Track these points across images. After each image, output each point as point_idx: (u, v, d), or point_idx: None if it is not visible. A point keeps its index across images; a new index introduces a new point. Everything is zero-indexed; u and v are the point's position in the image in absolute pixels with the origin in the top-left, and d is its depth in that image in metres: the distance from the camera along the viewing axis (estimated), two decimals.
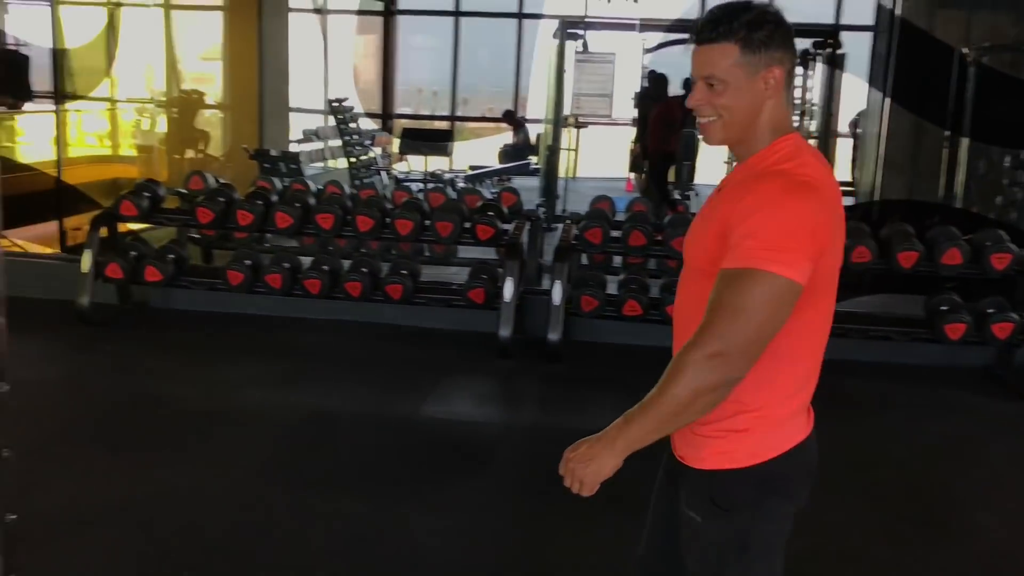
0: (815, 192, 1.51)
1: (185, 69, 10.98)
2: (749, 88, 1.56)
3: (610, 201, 6.01)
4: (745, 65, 1.54)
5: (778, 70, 1.56)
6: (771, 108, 1.58)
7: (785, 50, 1.57)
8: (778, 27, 1.56)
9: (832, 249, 1.56)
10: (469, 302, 5.37)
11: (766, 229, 1.46)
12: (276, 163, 9.19)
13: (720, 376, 1.46)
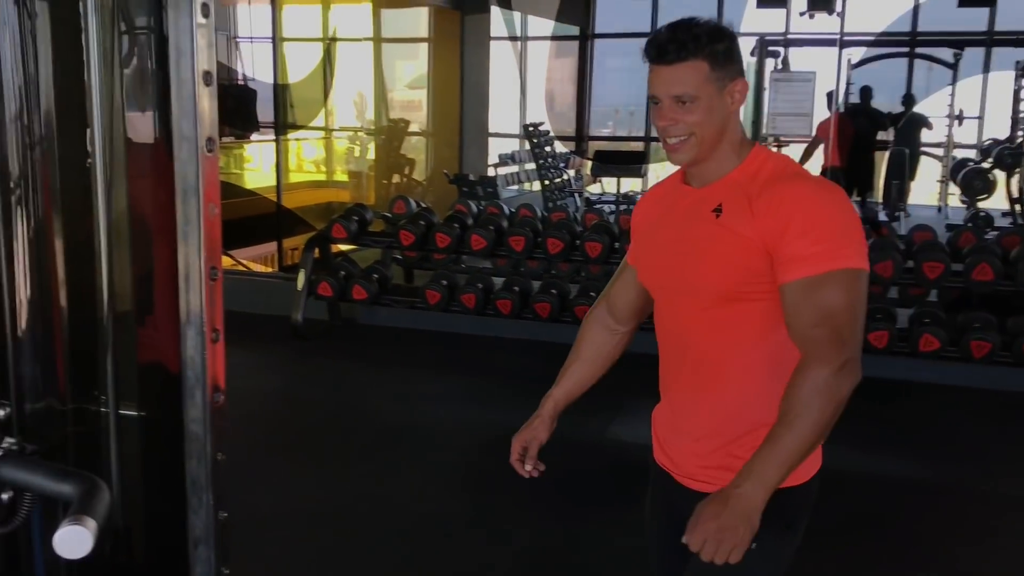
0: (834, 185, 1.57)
1: (393, 98, 11.60)
2: (719, 103, 1.53)
3: None
4: (715, 80, 1.51)
5: (741, 83, 1.55)
6: (734, 122, 1.57)
7: (741, 63, 1.57)
8: (733, 40, 1.55)
9: None
10: None
11: (829, 229, 1.46)
12: (474, 187, 9.52)
13: (852, 383, 1.44)
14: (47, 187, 1.23)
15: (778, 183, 1.51)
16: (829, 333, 1.43)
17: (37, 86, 1.21)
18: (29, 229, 1.22)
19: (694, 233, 1.59)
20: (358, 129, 11.53)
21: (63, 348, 1.30)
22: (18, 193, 1.20)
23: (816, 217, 1.46)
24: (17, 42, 1.17)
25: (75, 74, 1.26)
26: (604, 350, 1.90)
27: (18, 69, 1.18)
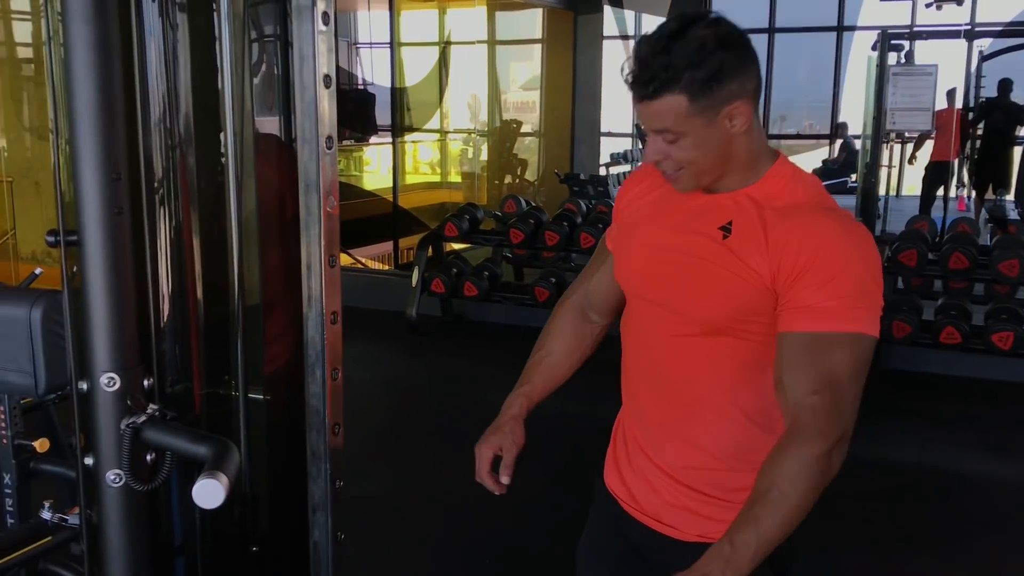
0: (863, 228, 1.35)
1: (506, 99, 11.77)
2: (712, 134, 1.29)
3: (930, 221, 5.62)
4: (699, 112, 1.27)
5: (741, 104, 1.29)
6: (746, 141, 1.33)
7: (744, 74, 1.28)
8: (727, 50, 1.26)
9: None
10: None
11: (852, 284, 1.27)
12: (584, 186, 9.56)
13: (841, 460, 1.28)
14: (186, 185, 1.37)
15: (802, 215, 1.31)
16: (829, 403, 1.26)
17: (177, 91, 1.34)
18: (171, 225, 1.36)
19: (693, 247, 1.38)
20: (471, 131, 11.74)
21: (198, 330, 1.43)
22: (161, 192, 1.33)
23: (841, 266, 1.27)
24: (161, 50, 1.31)
25: (210, 79, 1.40)
26: (580, 344, 1.67)
27: (162, 75, 1.31)
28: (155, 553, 1.37)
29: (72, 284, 1.31)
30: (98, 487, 1.28)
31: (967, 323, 4.89)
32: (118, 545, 1.31)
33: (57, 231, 1.24)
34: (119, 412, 1.25)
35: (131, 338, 1.27)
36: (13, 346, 2.33)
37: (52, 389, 2.40)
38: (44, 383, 2.35)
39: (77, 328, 1.30)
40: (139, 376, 1.28)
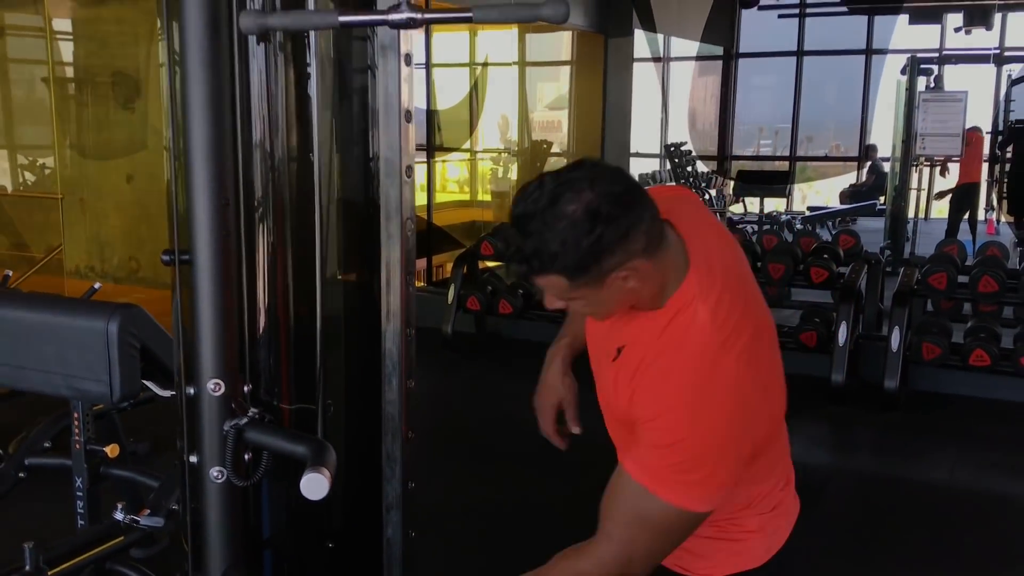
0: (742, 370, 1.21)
1: (536, 120, 11.93)
2: (606, 294, 1.23)
3: (959, 245, 5.69)
4: (585, 284, 1.21)
5: (630, 267, 1.20)
6: (649, 285, 1.25)
7: (627, 240, 1.18)
8: (602, 224, 1.15)
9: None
10: (800, 345, 5.36)
11: (675, 456, 1.21)
12: None
13: None
14: (281, 206, 1.50)
15: (668, 366, 1.23)
16: (621, 547, 1.25)
17: (275, 123, 1.48)
18: (268, 242, 1.49)
19: (601, 355, 1.39)
20: (502, 151, 11.91)
21: (287, 341, 1.57)
22: (260, 211, 1.47)
23: (676, 438, 1.22)
24: (263, 86, 1.45)
25: (303, 112, 1.53)
26: None
27: (263, 108, 1.45)
28: (247, 546, 1.50)
29: (180, 298, 1.45)
30: (201, 483, 1.41)
31: (996, 346, 4.95)
32: (217, 537, 1.43)
33: (172, 251, 1.38)
34: (223, 414, 1.38)
35: (234, 348, 1.40)
36: (90, 356, 2.50)
37: (124, 397, 2.56)
38: (118, 391, 2.51)
39: (182, 337, 1.44)
40: (240, 382, 1.42)
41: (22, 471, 3.01)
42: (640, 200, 1.19)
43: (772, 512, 1.44)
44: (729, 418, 1.20)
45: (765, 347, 1.31)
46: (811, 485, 4.16)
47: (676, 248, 1.27)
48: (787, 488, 1.48)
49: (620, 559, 1.24)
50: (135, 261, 7.52)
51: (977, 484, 4.12)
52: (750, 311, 1.28)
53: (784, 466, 1.48)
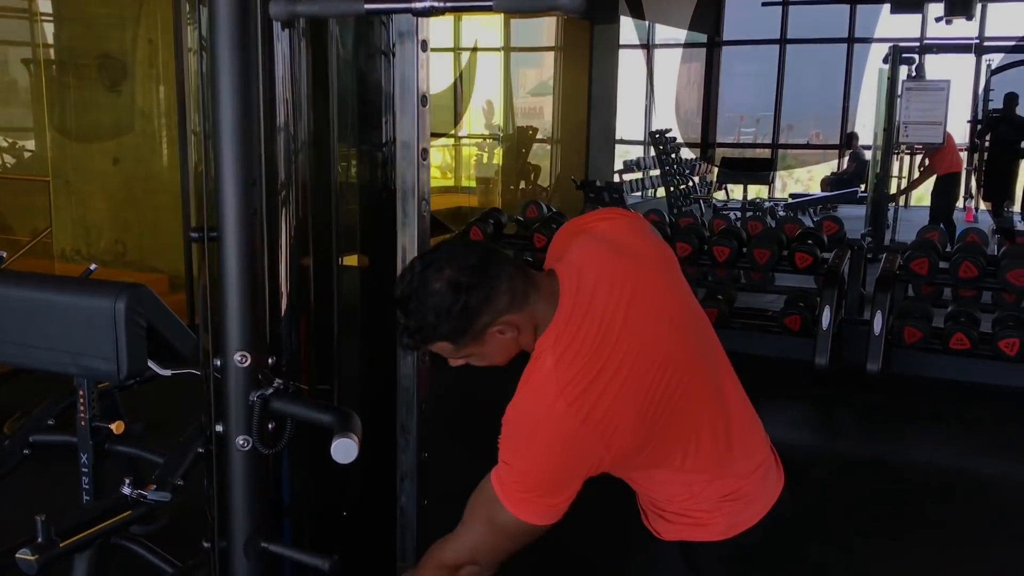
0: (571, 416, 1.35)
1: (521, 106, 11.97)
2: (490, 348, 1.43)
3: (940, 231, 5.81)
4: (467, 343, 1.41)
5: (502, 322, 1.39)
6: (526, 332, 1.42)
7: (492, 300, 1.37)
8: (465, 293, 1.36)
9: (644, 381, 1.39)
10: (785, 329, 5.46)
11: (512, 472, 1.40)
12: (600, 193, 9.76)
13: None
14: (303, 188, 1.56)
15: (515, 406, 1.42)
16: (465, 534, 1.46)
17: (299, 106, 1.53)
18: (289, 223, 1.55)
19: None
20: (486, 136, 11.94)
21: (308, 318, 1.62)
22: (284, 194, 1.53)
23: (514, 457, 1.41)
24: (287, 63, 1.50)
25: (323, 97, 1.59)
26: None
27: (288, 92, 1.50)
28: (268, 514, 1.56)
29: (202, 274, 1.51)
30: (227, 452, 1.47)
31: (975, 330, 5.08)
32: (241, 504, 1.49)
33: (200, 228, 1.43)
34: (249, 385, 1.44)
35: (260, 321, 1.46)
36: (98, 335, 2.55)
37: (132, 375, 2.61)
38: (125, 368, 2.56)
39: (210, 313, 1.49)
40: (265, 354, 1.48)
41: (27, 448, 3.05)
42: (496, 265, 1.39)
43: (728, 499, 1.50)
44: (552, 458, 1.37)
45: (660, 374, 1.41)
46: (794, 465, 4.22)
47: (549, 296, 1.42)
48: (753, 476, 1.54)
49: (469, 548, 1.46)
50: (121, 244, 7.52)
51: (956, 464, 4.24)
52: (632, 346, 1.39)
53: (743, 456, 1.53)
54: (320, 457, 1.65)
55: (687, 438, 1.45)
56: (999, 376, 5.16)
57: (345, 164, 1.64)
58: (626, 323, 1.39)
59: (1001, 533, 3.53)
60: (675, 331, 1.45)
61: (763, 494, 1.54)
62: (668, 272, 1.51)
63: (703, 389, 1.47)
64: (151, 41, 7.15)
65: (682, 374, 1.43)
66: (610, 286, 1.42)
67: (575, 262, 1.45)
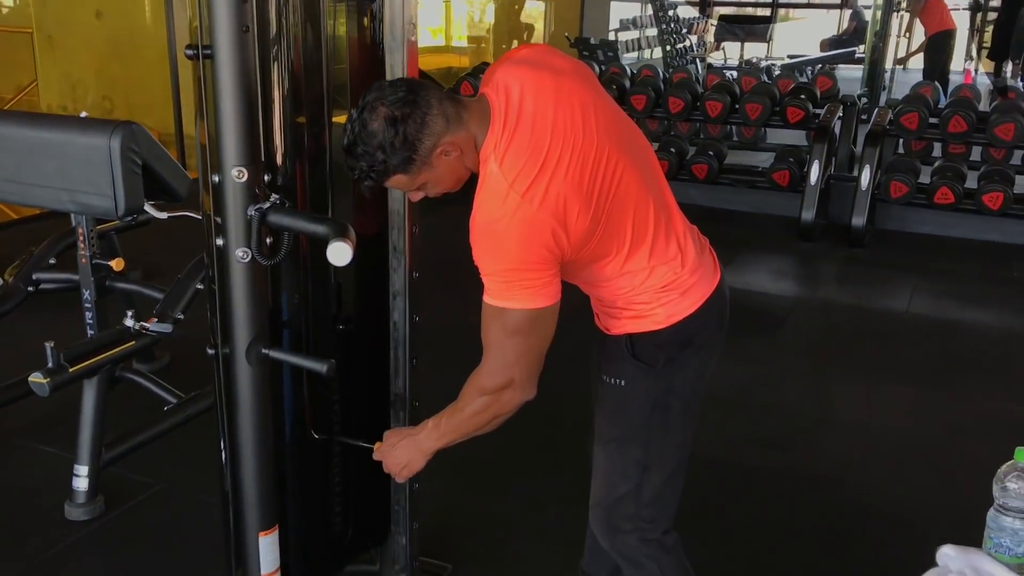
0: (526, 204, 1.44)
1: None
2: (442, 171, 1.51)
3: (934, 87, 5.79)
4: (419, 171, 1.49)
5: (444, 142, 1.47)
6: (471, 150, 1.51)
7: (429, 124, 1.45)
8: (402, 123, 1.44)
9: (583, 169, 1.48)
10: (773, 184, 5.52)
11: (486, 270, 1.48)
12: (594, 51, 9.60)
13: (516, 402, 1.57)
14: None
15: (474, 216, 1.49)
16: (492, 357, 1.54)
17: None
18: (283, 60, 1.58)
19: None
20: None
21: (303, 134, 1.67)
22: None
23: (479, 255, 1.48)
24: None
25: None
26: None
27: None
28: (268, 322, 1.65)
29: (198, 93, 1.55)
30: (227, 264, 1.55)
31: (961, 185, 5.14)
32: (243, 312, 1.58)
33: (195, 45, 1.46)
34: (247, 199, 1.50)
35: (256, 137, 1.51)
36: (94, 172, 2.60)
37: (129, 211, 2.67)
38: (123, 205, 2.62)
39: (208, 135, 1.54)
40: (261, 170, 1.53)
41: (31, 285, 3.14)
42: (424, 93, 1.47)
43: (665, 290, 1.63)
44: (522, 243, 1.46)
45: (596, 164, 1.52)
46: (776, 312, 4.41)
47: (481, 114, 1.51)
48: (687, 269, 1.65)
49: (501, 363, 1.55)
50: (108, 100, 7.43)
51: (931, 311, 4.39)
52: (567, 141, 1.50)
53: (678, 252, 1.64)
54: (319, 274, 1.75)
55: (627, 228, 1.58)
56: (981, 230, 5.27)
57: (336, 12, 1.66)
58: (556, 121, 1.50)
59: (969, 368, 3.71)
60: (601, 126, 1.55)
61: (698, 287, 1.66)
62: (587, 82, 1.61)
63: (638, 184, 1.58)
64: None
65: (615, 164, 1.54)
66: (536, 93, 1.52)
67: (500, 83, 1.55)
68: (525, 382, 1.56)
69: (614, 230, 1.55)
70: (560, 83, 1.55)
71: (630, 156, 1.59)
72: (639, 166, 1.61)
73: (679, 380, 1.69)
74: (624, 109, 5.85)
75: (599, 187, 1.51)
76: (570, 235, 1.49)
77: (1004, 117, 5.01)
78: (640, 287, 1.62)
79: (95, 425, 2.57)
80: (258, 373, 1.62)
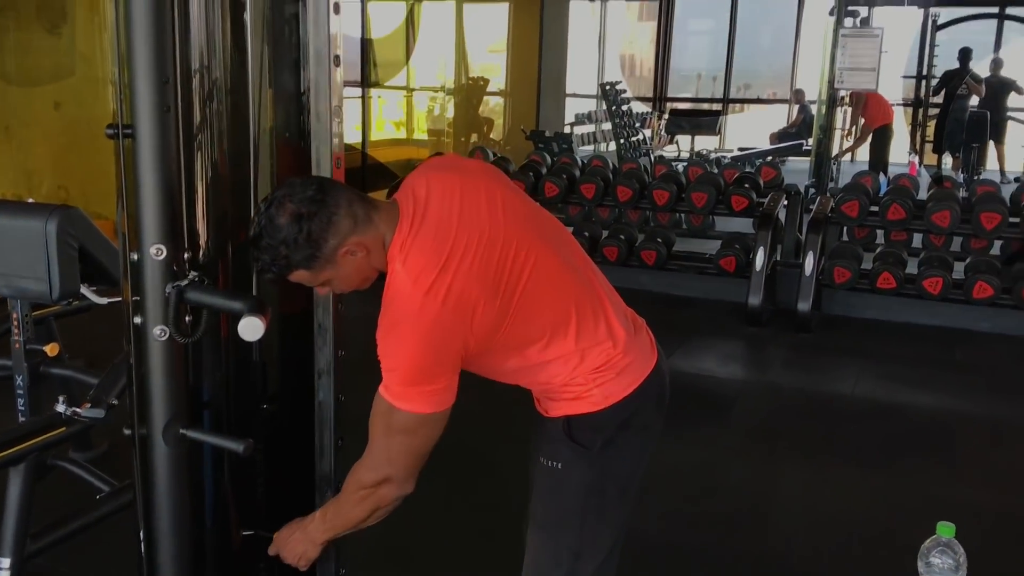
0: (430, 302, 1.46)
1: (473, 58, 11.93)
2: (346, 270, 1.53)
3: (874, 177, 5.99)
4: (321, 268, 1.51)
5: (349, 242, 1.50)
6: (377, 251, 1.53)
7: (334, 225, 1.48)
8: (308, 221, 1.47)
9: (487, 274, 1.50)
10: (721, 270, 5.62)
11: (385, 367, 1.51)
12: (549, 143, 9.82)
13: (392, 496, 1.61)
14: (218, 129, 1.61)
15: (381, 315, 1.52)
16: (372, 452, 1.58)
17: (213, 42, 1.58)
18: (207, 147, 1.60)
19: None
20: (438, 88, 11.89)
21: (224, 215, 1.69)
22: (200, 96, 1.58)
23: (383, 354, 1.51)
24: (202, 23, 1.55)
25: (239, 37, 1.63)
26: None
27: (202, 24, 1.55)
28: (188, 404, 1.63)
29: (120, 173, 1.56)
30: (144, 342, 1.54)
31: (902, 270, 5.27)
32: (160, 392, 1.57)
33: (116, 125, 1.49)
34: (165, 277, 1.51)
35: (176, 215, 1.52)
36: (30, 256, 2.59)
37: (64, 295, 2.65)
38: (58, 289, 2.60)
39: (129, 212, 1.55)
40: (181, 248, 1.54)
41: None
42: (334, 193, 1.50)
43: (600, 371, 1.62)
44: (423, 343, 1.49)
45: (504, 253, 1.54)
46: (725, 396, 4.44)
47: (390, 217, 1.54)
48: (620, 349, 1.64)
49: (382, 459, 1.58)
50: (64, 190, 7.42)
51: (875, 394, 4.44)
52: (471, 234, 1.53)
53: (611, 332, 1.63)
54: (241, 353, 1.74)
55: (545, 314, 1.58)
56: (923, 315, 5.37)
57: (261, 109, 1.70)
58: (461, 215, 1.54)
59: (909, 448, 3.74)
60: (509, 217, 1.58)
61: (634, 367, 1.66)
62: (496, 179, 1.66)
63: (558, 269, 1.60)
64: None
65: (527, 252, 1.55)
66: (442, 191, 1.57)
67: (408, 187, 1.61)
68: (403, 480, 1.59)
69: (530, 317, 1.56)
70: (467, 180, 1.60)
71: (546, 242, 1.61)
72: (558, 252, 1.63)
73: (616, 464, 1.68)
74: (574, 198, 6.01)
75: (507, 276, 1.53)
76: (475, 328, 1.50)
77: (940, 205, 5.18)
78: (574, 371, 1.62)
79: (20, 515, 2.49)
80: (175, 455, 1.60)
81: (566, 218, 6.70)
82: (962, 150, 10.20)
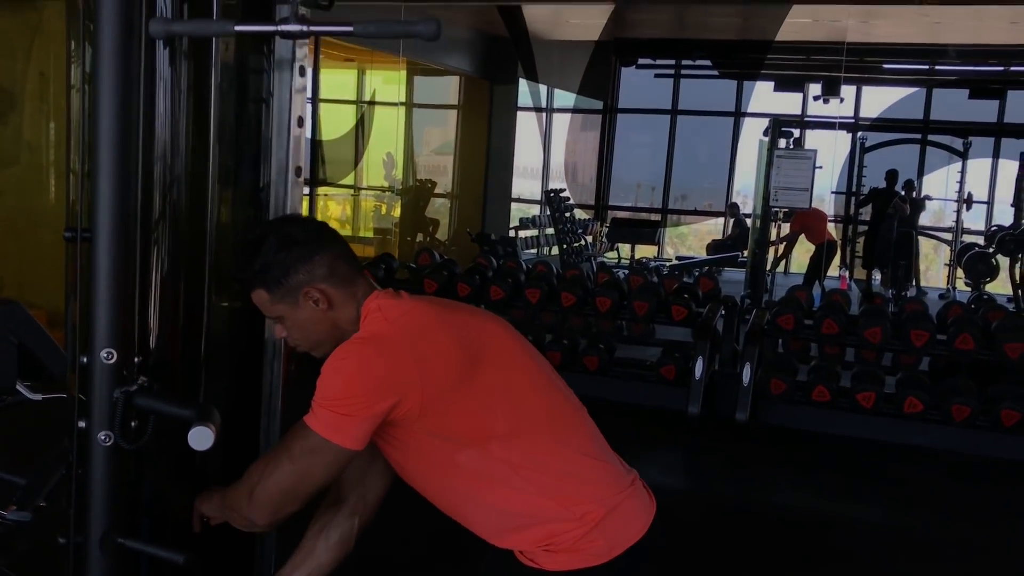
0: (369, 351, 1.50)
1: (420, 161, 12.15)
2: (303, 315, 1.57)
3: (808, 292, 6.19)
4: (280, 299, 1.55)
5: (313, 290, 1.54)
6: (339, 312, 1.57)
7: (310, 264, 1.54)
8: (288, 250, 1.53)
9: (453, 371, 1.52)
10: (661, 378, 5.69)
11: (320, 390, 1.52)
12: (495, 246, 9.96)
13: (246, 517, 1.63)
14: (177, 200, 1.63)
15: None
16: (268, 468, 1.58)
17: (178, 124, 1.62)
18: (163, 243, 1.62)
19: None
20: (386, 189, 12.05)
21: (176, 318, 1.69)
22: (161, 204, 1.60)
23: (322, 376, 1.52)
24: (168, 90, 1.59)
25: (203, 116, 1.68)
26: None
27: (168, 111, 1.59)
28: (126, 509, 1.60)
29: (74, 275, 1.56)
30: (89, 446, 1.51)
31: (836, 383, 5.40)
32: (100, 499, 1.53)
33: (75, 228, 1.49)
34: (114, 381, 1.49)
35: (129, 320, 1.52)
36: None
37: None
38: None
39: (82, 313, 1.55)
40: (132, 352, 1.53)
41: None
42: (327, 240, 1.56)
43: (606, 519, 1.60)
44: (356, 366, 1.51)
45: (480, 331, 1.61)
46: (664, 506, 4.43)
47: (367, 288, 1.59)
48: (624, 493, 1.65)
49: (273, 479, 1.57)
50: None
51: (811, 505, 4.49)
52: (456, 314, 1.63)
53: (606, 476, 1.66)
54: (183, 459, 1.71)
55: (502, 406, 1.57)
56: (857, 428, 5.48)
57: (222, 179, 1.72)
58: (448, 304, 1.63)
59: (842, 558, 3.79)
60: (499, 330, 1.64)
61: (638, 513, 1.68)
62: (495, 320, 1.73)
63: (530, 384, 1.62)
64: (42, 74, 7.04)
65: (502, 342, 1.61)
66: (420, 302, 1.62)
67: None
68: (263, 506, 1.57)
69: (490, 400, 1.54)
70: (456, 313, 1.67)
71: (530, 367, 1.64)
72: (545, 382, 1.65)
73: None
74: (519, 302, 6.07)
75: (475, 340, 1.56)
76: (427, 378, 1.49)
77: (872, 321, 5.36)
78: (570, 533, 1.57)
79: None
80: (111, 566, 1.55)
81: (511, 320, 6.74)
82: (890, 266, 10.63)
